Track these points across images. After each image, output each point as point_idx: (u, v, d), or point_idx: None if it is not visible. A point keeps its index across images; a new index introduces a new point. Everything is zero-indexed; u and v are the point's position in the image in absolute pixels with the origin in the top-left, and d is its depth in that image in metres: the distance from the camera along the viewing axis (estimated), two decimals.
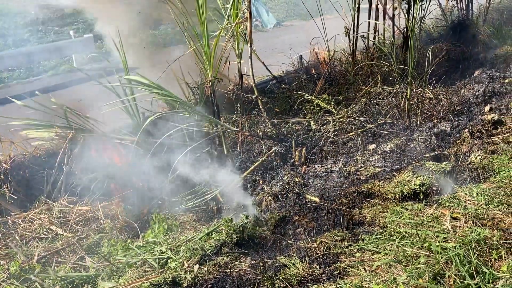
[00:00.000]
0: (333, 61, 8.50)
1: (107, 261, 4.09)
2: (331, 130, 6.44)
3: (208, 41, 5.90)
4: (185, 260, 3.74)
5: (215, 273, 3.49)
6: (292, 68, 9.27)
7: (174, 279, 3.41)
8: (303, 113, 7.19)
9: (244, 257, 3.76)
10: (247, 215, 4.31)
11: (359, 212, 4.42)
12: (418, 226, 3.89)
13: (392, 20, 8.71)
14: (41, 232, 4.86)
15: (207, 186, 5.83)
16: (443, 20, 11.05)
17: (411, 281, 3.13)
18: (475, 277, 3.13)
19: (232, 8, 5.97)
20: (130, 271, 3.82)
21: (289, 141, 6.22)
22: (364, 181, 5.19)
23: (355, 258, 3.57)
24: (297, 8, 19.62)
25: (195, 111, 6.11)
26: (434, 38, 10.29)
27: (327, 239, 3.89)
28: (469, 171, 4.96)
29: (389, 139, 6.25)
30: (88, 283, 3.83)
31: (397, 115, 6.83)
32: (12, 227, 4.95)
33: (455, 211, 4.04)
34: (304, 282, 3.30)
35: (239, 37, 6.38)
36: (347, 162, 5.76)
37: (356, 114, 6.85)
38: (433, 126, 6.41)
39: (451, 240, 3.57)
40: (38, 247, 4.54)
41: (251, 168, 5.93)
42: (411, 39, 6.40)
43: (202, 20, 5.76)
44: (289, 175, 5.58)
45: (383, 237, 3.81)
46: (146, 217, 5.12)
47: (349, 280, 3.27)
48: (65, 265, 4.14)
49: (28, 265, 4.06)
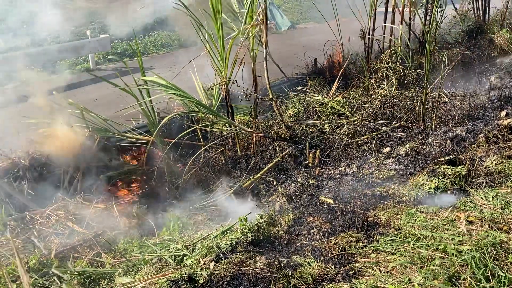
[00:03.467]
0: (348, 64, 8.50)
1: (123, 257, 4.15)
2: (345, 132, 6.45)
3: (224, 43, 5.96)
4: (201, 257, 3.77)
5: (231, 271, 3.52)
6: (306, 70, 9.30)
7: (190, 275, 3.45)
8: (317, 116, 7.20)
9: (259, 256, 3.79)
10: (261, 215, 4.35)
11: (374, 214, 4.42)
12: (433, 228, 3.88)
13: (408, 24, 8.71)
14: (58, 228, 4.94)
15: (221, 186, 5.88)
16: (459, 25, 10.99)
17: (426, 282, 3.13)
18: (491, 280, 3.12)
19: (248, 11, 6.02)
20: (146, 268, 3.86)
21: (303, 143, 6.24)
22: (378, 184, 5.19)
23: (370, 258, 3.58)
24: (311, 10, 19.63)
25: (210, 111, 6.16)
26: (449, 42, 10.24)
27: (342, 239, 3.90)
28: (485, 175, 4.93)
29: (404, 142, 6.24)
30: (105, 278, 3.89)
31: (412, 118, 6.81)
32: (30, 222, 5.04)
33: (470, 215, 4.02)
34: (319, 281, 3.32)
35: (254, 39, 6.42)
36: (361, 165, 5.77)
37: (370, 117, 6.84)
38: (448, 130, 6.39)
39: (467, 243, 3.56)
40: (55, 242, 4.61)
41: (265, 169, 5.97)
42: (428, 43, 6.39)
43: (217, 22, 5.81)
44: (303, 177, 5.61)
45: (398, 239, 3.81)
46: (161, 215, 5.17)
47: (364, 280, 3.28)
48: (82, 260, 4.21)
49: (47, 259, 4.14)
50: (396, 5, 8.47)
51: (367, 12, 8.09)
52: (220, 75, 6.10)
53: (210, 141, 6.37)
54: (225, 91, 6.18)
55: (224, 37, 5.97)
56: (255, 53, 6.58)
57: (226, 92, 6.20)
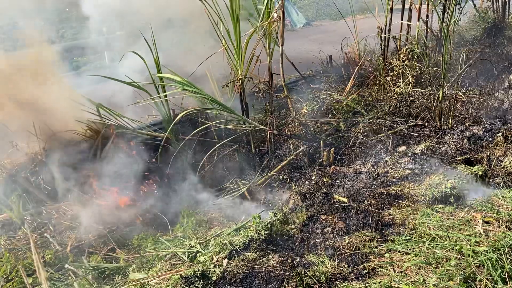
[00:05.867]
0: (364, 61, 8.43)
1: (137, 253, 4.18)
2: (361, 131, 6.40)
3: (240, 40, 5.94)
4: (214, 254, 3.78)
5: (244, 268, 3.52)
6: (321, 68, 9.25)
7: (204, 272, 3.46)
8: (332, 113, 7.16)
9: (272, 254, 3.78)
10: (275, 212, 4.34)
11: (388, 213, 4.39)
12: (449, 229, 3.83)
13: (425, 21, 8.61)
14: (73, 223, 4.99)
15: (235, 183, 5.89)
16: (478, 22, 10.81)
17: (441, 283, 3.10)
18: (508, 282, 3.07)
19: (266, 7, 6.00)
20: (159, 264, 3.89)
21: (318, 141, 6.21)
22: (393, 183, 5.15)
23: (384, 258, 3.55)
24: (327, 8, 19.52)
25: (225, 108, 6.16)
26: (467, 40, 10.08)
27: (356, 238, 3.88)
28: (503, 175, 4.86)
29: (420, 141, 6.17)
30: (119, 274, 3.93)
31: (428, 117, 6.73)
32: (45, 217, 5.10)
33: (487, 215, 3.97)
34: (332, 280, 3.30)
35: (271, 36, 6.39)
36: (376, 164, 5.72)
37: (386, 115, 6.78)
38: (465, 129, 6.29)
39: (483, 244, 3.51)
40: (70, 237, 4.66)
41: (279, 166, 5.95)
42: (446, 40, 6.30)
43: (234, 19, 5.80)
44: (317, 175, 5.58)
45: (413, 239, 3.77)
46: (175, 211, 5.19)
47: (378, 279, 3.25)
48: (97, 255, 4.25)
49: (62, 254, 4.19)
50: (413, 2, 8.36)
51: (384, 10, 8.00)
52: (236, 72, 6.10)
53: (224, 138, 6.36)
54: (240, 88, 6.18)
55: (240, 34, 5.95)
56: (272, 50, 6.55)
57: (241, 89, 6.19)
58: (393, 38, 8.30)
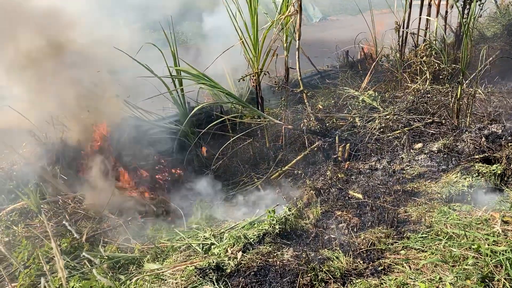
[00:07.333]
0: (381, 57, 8.35)
1: (152, 244, 4.21)
2: (377, 127, 6.34)
3: (257, 34, 5.91)
4: (229, 247, 3.79)
5: (258, 261, 3.52)
6: (337, 63, 9.18)
7: (218, 264, 3.47)
8: (348, 109, 7.11)
9: (286, 248, 3.78)
10: (289, 207, 4.33)
11: (404, 210, 4.35)
12: (466, 227, 3.78)
13: (444, 18, 8.48)
14: (89, 213, 5.04)
15: (249, 177, 5.89)
16: (498, 19, 10.63)
17: (458, 281, 3.06)
18: None
19: (284, 1, 5.96)
20: (174, 255, 3.90)
21: (333, 137, 6.17)
22: (409, 180, 5.10)
23: (400, 255, 3.52)
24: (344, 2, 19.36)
25: (241, 102, 6.15)
26: (487, 37, 9.92)
27: (371, 235, 3.85)
28: None
29: (437, 138, 6.09)
30: (134, 264, 3.95)
31: (445, 114, 6.64)
32: (62, 206, 5.16)
33: (506, 215, 3.91)
34: (347, 276, 3.29)
35: (288, 30, 6.35)
36: (392, 160, 5.67)
37: (403, 112, 6.71)
38: (484, 127, 6.19)
39: (501, 244, 3.46)
40: (86, 226, 4.71)
41: (293, 161, 5.93)
42: (466, 36, 6.20)
43: (252, 12, 5.78)
44: (331, 171, 5.55)
45: (429, 237, 3.74)
46: (190, 203, 5.22)
47: (394, 276, 3.23)
48: (112, 245, 4.28)
49: (78, 243, 4.23)
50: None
51: (403, 5, 7.91)
52: (252, 65, 6.08)
53: (239, 132, 6.36)
54: (256, 82, 6.16)
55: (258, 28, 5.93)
56: (289, 44, 6.51)
57: (257, 83, 6.17)
58: (411, 34, 8.20)
